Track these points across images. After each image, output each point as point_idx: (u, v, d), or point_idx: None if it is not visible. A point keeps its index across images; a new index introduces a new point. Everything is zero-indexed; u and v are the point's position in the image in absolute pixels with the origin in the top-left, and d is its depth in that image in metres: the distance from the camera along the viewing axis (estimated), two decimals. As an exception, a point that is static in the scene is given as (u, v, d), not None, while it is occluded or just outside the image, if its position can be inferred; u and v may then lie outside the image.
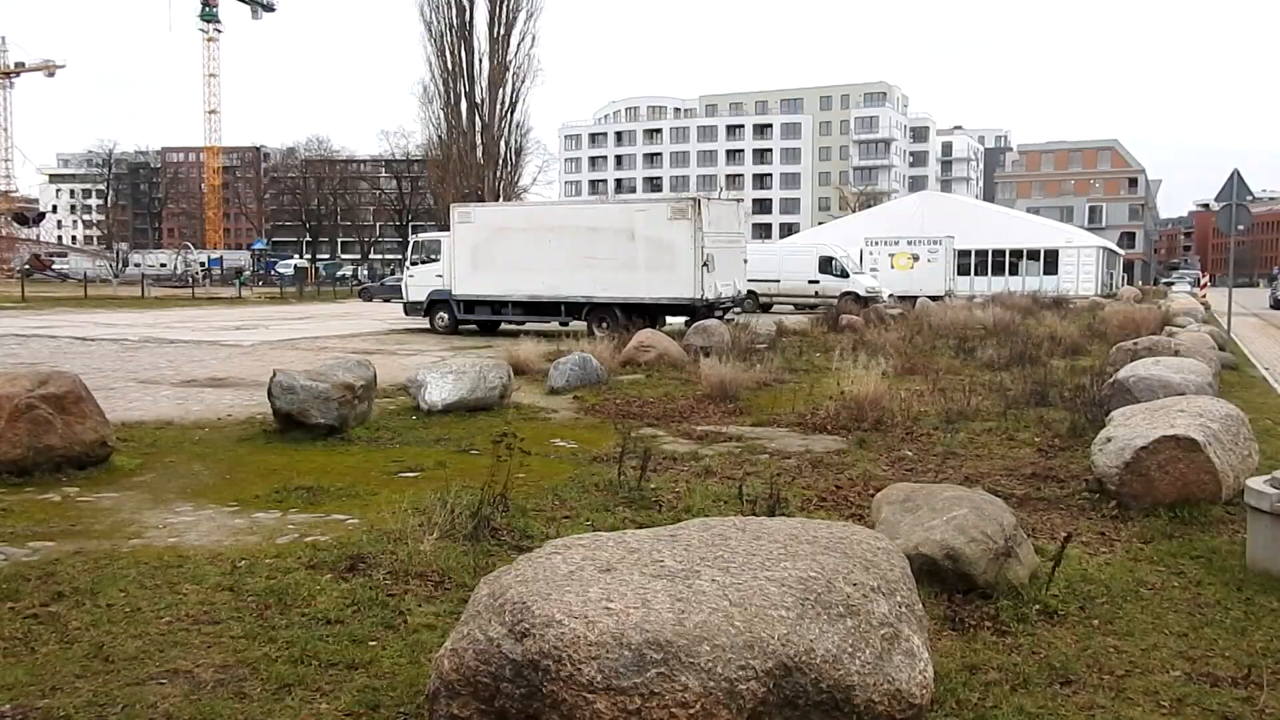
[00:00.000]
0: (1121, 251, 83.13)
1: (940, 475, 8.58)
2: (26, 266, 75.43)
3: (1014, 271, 58.19)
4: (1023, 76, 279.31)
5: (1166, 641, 4.89)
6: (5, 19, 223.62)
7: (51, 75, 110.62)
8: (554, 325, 24.68)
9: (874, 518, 6.11)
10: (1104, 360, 15.84)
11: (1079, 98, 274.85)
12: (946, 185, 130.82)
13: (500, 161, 51.34)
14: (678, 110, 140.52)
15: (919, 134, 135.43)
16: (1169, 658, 4.69)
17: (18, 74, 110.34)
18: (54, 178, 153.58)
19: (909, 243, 48.12)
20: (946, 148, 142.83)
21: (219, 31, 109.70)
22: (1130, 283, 76.45)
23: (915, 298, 38.08)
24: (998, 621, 5.03)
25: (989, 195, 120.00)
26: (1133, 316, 24.08)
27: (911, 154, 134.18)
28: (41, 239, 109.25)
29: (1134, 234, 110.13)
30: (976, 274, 56.89)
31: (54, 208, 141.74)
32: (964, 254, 54.49)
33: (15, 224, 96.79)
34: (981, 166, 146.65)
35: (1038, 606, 5.20)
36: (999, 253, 58.86)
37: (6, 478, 8.00)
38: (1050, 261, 58.81)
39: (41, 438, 8.24)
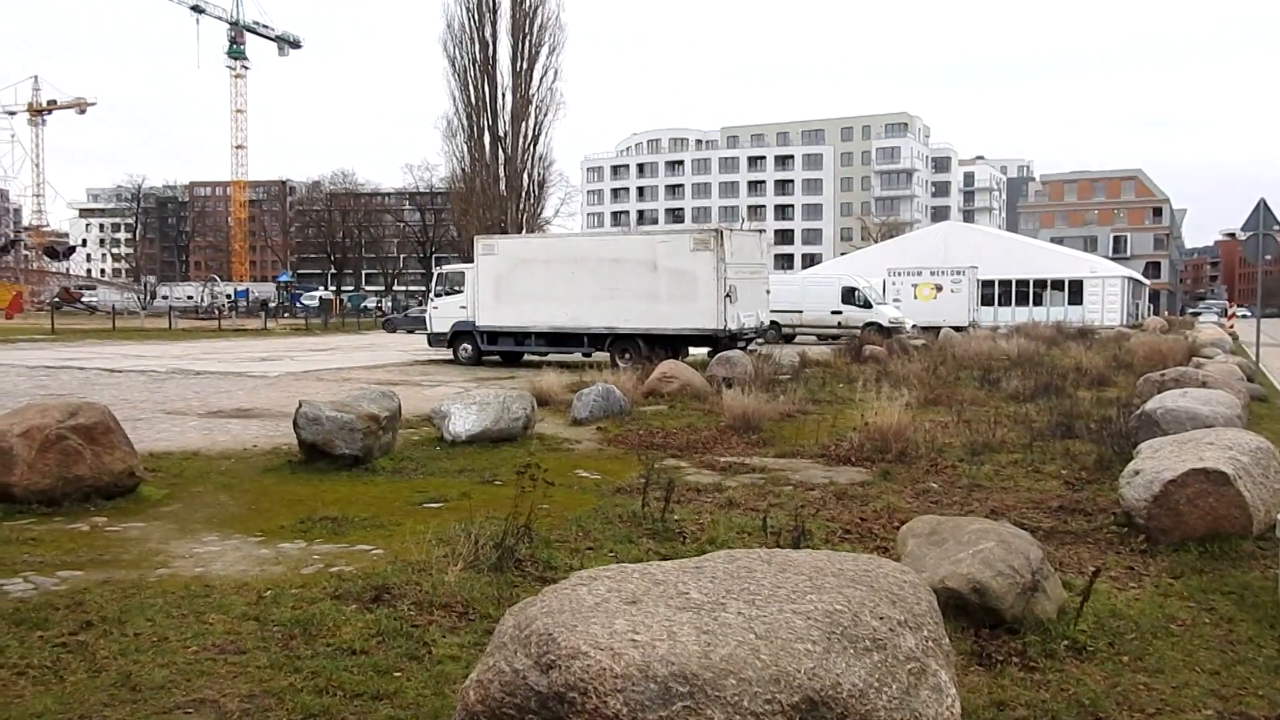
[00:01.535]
0: (1147, 281, 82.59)
1: (966, 508, 8.52)
2: (56, 299, 76.49)
3: (1038, 302, 57.83)
4: (1044, 107, 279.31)
5: (1198, 679, 4.81)
6: (38, 57, 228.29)
7: (83, 113, 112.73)
8: (577, 356, 24.75)
9: (899, 550, 6.07)
10: (1130, 392, 15.71)
11: (1101, 127, 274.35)
12: (969, 215, 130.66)
13: (523, 194, 51.67)
14: (699, 142, 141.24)
15: (941, 164, 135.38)
16: (1201, 696, 4.62)
17: (50, 111, 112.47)
18: (84, 212, 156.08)
19: (932, 273, 48.02)
20: (969, 178, 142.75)
21: (246, 69, 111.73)
22: (1156, 313, 75.84)
23: (939, 328, 37.92)
24: (1025, 657, 4.98)
25: (1012, 225, 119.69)
26: (1159, 347, 23.87)
27: (933, 184, 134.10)
28: (71, 272, 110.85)
29: (1159, 264, 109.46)
30: (1000, 304, 56.57)
31: (84, 241, 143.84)
32: (987, 284, 54.30)
33: (46, 258, 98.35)
34: (1004, 197, 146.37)
35: (1066, 642, 5.14)
36: (1023, 283, 58.54)
37: (36, 507, 8.10)
38: (1075, 292, 58.42)
39: (71, 468, 8.33)
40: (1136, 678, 4.81)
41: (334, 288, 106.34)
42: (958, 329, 38.17)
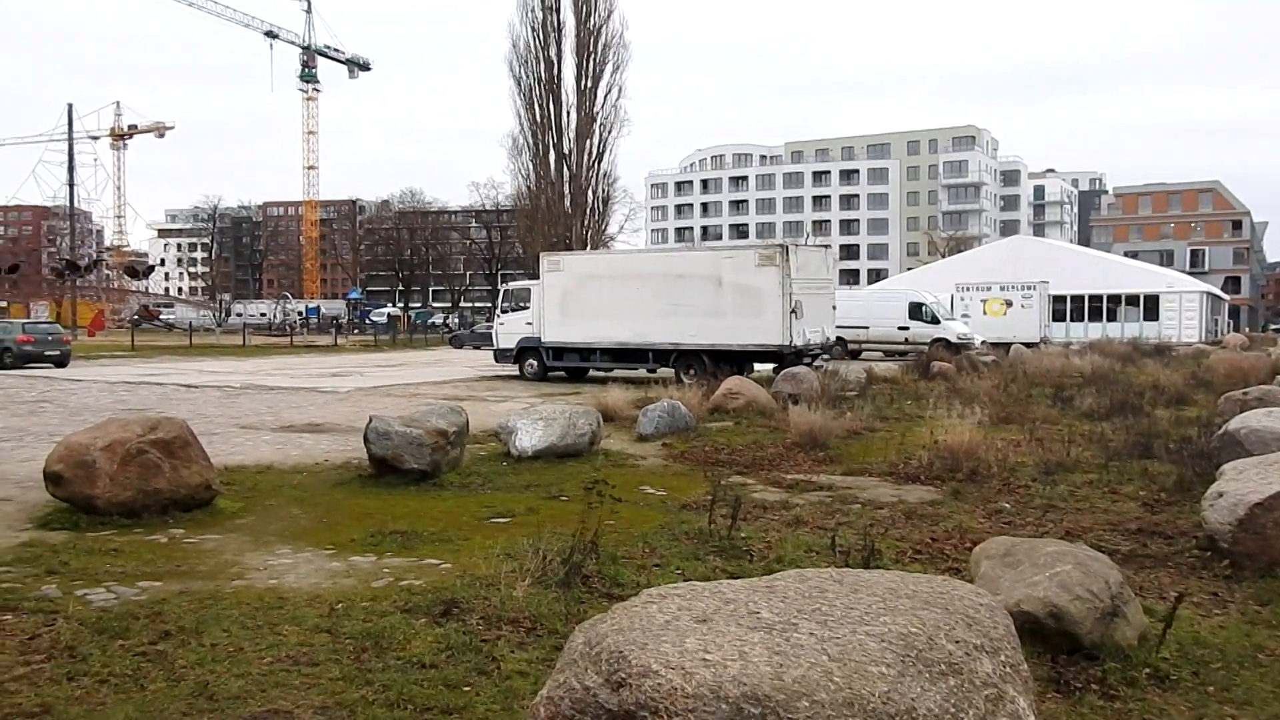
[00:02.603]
0: (1226, 297, 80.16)
1: (1040, 529, 8.32)
2: (136, 317, 78.87)
3: (1112, 317, 56.44)
4: (1117, 117, 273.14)
5: (1289, 709, 4.63)
6: (120, 83, 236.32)
7: (161, 136, 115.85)
8: (642, 372, 24.77)
9: (972, 572, 5.95)
10: (1211, 411, 15.25)
11: (1177, 137, 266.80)
12: (1039, 229, 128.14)
13: (588, 210, 52.02)
14: (763, 157, 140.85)
15: (1009, 178, 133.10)
16: (1293, 727, 4.44)
17: (130, 136, 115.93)
18: (162, 232, 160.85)
19: (1001, 288, 47.18)
20: (1039, 191, 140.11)
21: (318, 91, 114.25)
22: (1236, 329, 73.61)
23: (1009, 344, 37.22)
24: (1105, 685, 4.84)
25: (1084, 239, 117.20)
26: (1240, 365, 23.15)
27: (1002, 198, 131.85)
28: (150, 290, 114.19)
29: (1239, 278, 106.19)
30: (1073, 320, 55.31)
31: (162, 261, 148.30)
32: (1059, 299, 53.10)
33: (127, 277, 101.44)
34: (1076, 210, 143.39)
35: (1148, 670, 4.99)
36: (1096, 298, 57.19)
37: (117, 519, 8.34)
38: (1150, 307, 56.91)
39: (150, 481, 8.57)
40: (1223, 709, 4.65)
41: (402, 304, 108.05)
42: (1029, 345, 37.43)
